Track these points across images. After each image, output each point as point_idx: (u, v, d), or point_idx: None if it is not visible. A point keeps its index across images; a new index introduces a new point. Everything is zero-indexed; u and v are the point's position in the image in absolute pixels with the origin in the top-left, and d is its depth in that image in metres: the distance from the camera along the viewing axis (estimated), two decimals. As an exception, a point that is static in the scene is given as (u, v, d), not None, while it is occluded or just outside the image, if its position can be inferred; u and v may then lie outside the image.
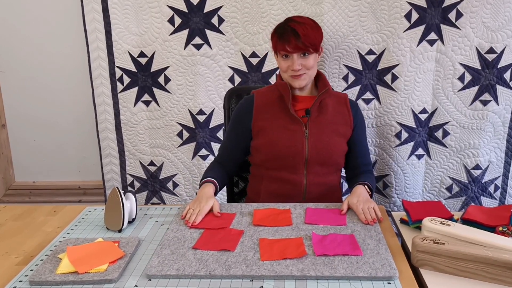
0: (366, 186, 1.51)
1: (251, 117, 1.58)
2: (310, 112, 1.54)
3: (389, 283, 1.03)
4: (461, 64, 1.95)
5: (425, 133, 2.06)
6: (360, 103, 2.04)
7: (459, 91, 1.99)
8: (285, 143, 1.53)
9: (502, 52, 1.92)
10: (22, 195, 2.47)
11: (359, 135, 1.63)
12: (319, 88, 1.59)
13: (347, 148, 1.61)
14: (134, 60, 2.08)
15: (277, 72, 1.79)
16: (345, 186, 2.05)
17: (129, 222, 1.36)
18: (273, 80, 2.05)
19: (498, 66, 1.94)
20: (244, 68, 2.05)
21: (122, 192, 1.34)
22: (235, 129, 1.62)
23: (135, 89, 2.12)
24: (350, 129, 1.60)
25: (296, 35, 1.46)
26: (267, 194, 1.58)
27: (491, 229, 1.22)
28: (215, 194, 1.51)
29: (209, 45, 2.03)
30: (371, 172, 1.66)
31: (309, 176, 1.55)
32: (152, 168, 2.22)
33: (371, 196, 1.51)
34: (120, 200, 1.31)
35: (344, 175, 1.72)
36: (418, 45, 1.95)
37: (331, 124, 1.57)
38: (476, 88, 1.97)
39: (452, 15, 1.90)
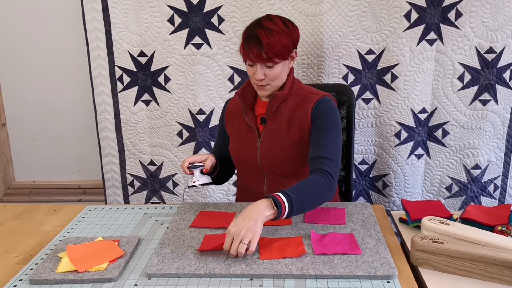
0: (278, 197, 1.17)
1: (223, 121, 1.59)
2: (265, 120, 1.46)
3: (388, 282, 1.03)
4: (460, 63, 1.95)
5: (424, 132, 2.06)
6: (360, 102, 2.04)
7: (458, 90, 1.99)
8: (241, 151, 1.51)
9: (501, 52, 1.92)
10: (22, 194, 2.47)
11: (315, 130, 1.40)
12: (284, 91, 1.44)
13: (306, 155, 1.41)
14: (134, 59, 2.08)
15: None
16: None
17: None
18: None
19: (498, 66, 1.94)
20: (244, 67, 2.05)
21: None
22: (220, 130, 1.64)
23: (135, 89, 2.12)
24: (308, 134, 1.42)
25: (259, 44, 1.32)
26: (242, 201, 1.56)
27: (490, 228, 1.22)
28: (216, 166, 1.49)
29: (209, 45, 2.03)
30: (321, 170, 1.29)
31: (269, 184, 1.50)
32: (152, 168, 2.22)
33: (291, 212, 1.18)
34: None
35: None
36: (417, 44, 1.95)
37: (285, 132, 1.43)
38: (475, 87, 1.97)
39: (451, 15, 1.90)
